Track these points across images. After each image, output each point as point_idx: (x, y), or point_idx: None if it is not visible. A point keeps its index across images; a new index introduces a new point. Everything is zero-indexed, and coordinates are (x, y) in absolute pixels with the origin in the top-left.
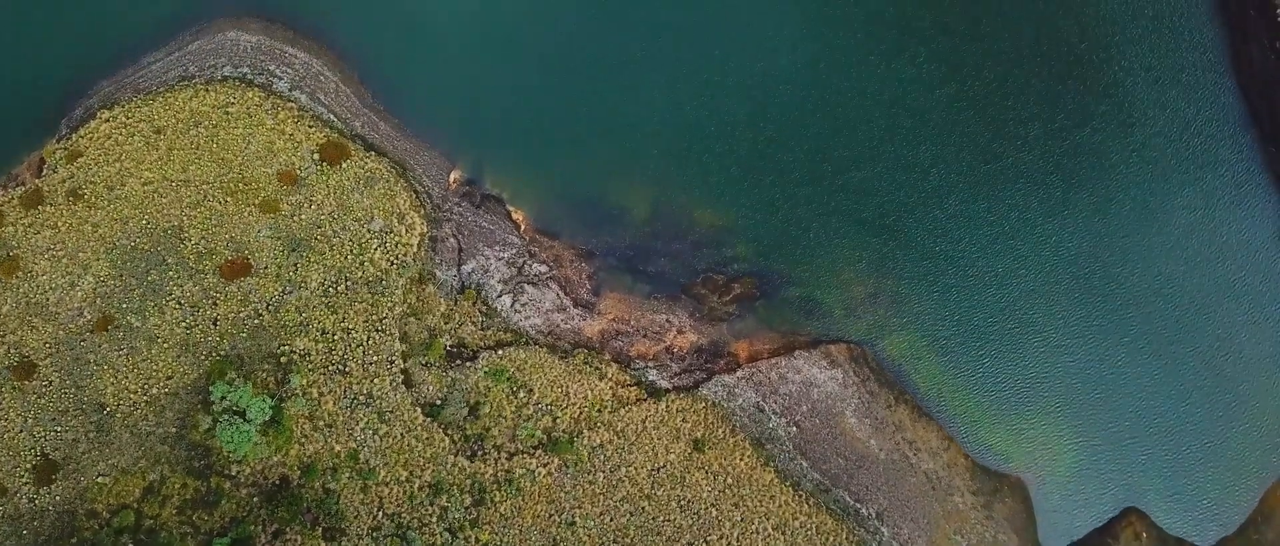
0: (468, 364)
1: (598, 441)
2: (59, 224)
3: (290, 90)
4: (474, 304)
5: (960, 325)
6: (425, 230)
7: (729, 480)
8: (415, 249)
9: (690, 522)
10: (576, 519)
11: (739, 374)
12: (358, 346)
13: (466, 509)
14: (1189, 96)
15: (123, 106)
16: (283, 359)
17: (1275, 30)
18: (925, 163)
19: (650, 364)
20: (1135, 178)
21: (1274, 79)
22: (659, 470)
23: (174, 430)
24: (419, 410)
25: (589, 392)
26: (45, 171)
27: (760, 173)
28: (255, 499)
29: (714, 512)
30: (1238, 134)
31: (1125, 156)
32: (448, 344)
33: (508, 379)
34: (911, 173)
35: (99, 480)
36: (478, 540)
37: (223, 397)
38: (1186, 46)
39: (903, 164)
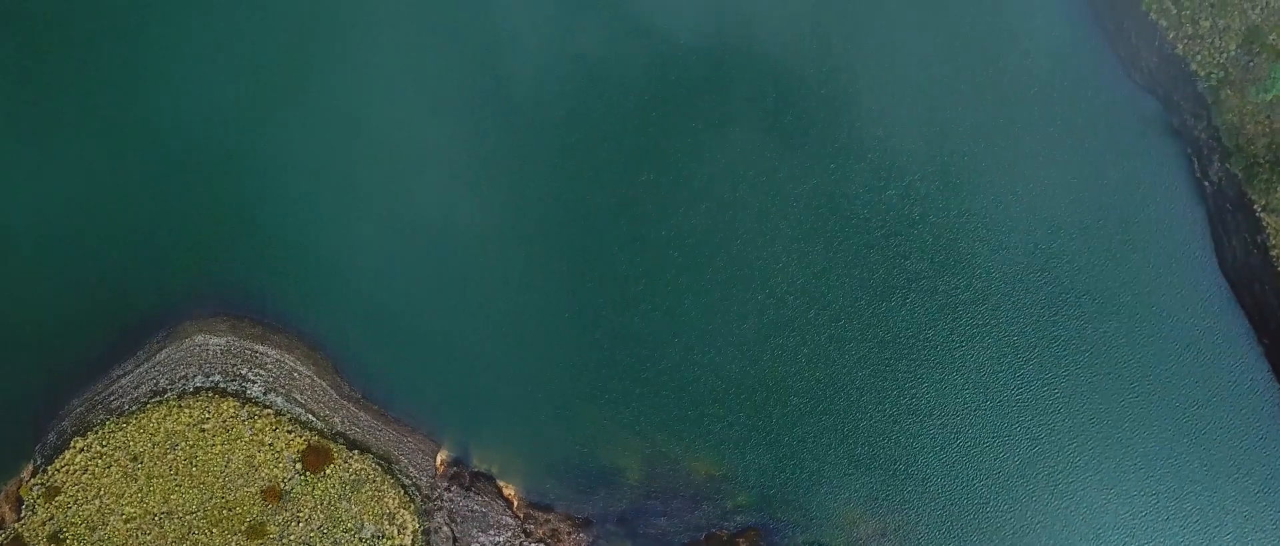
0: None
1: None
2: None
3: (265, 394)
4: None
5: None
6: (417, 526)
7: None
8: None
9: None
10: None
11: None
12: None
13: None
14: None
15: (96, 433)
16: None
17: (1255, 226)
18: (927, 405)
19: None
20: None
21: (1258, 275)
22: None
23: None
24: None
25: None
26: (24, 511)
27: (757, 423)
28: None
29: None
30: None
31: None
32: None
33: None
34: (915, 415)
35: None
36: None
37: None
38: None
39: (904, 406)
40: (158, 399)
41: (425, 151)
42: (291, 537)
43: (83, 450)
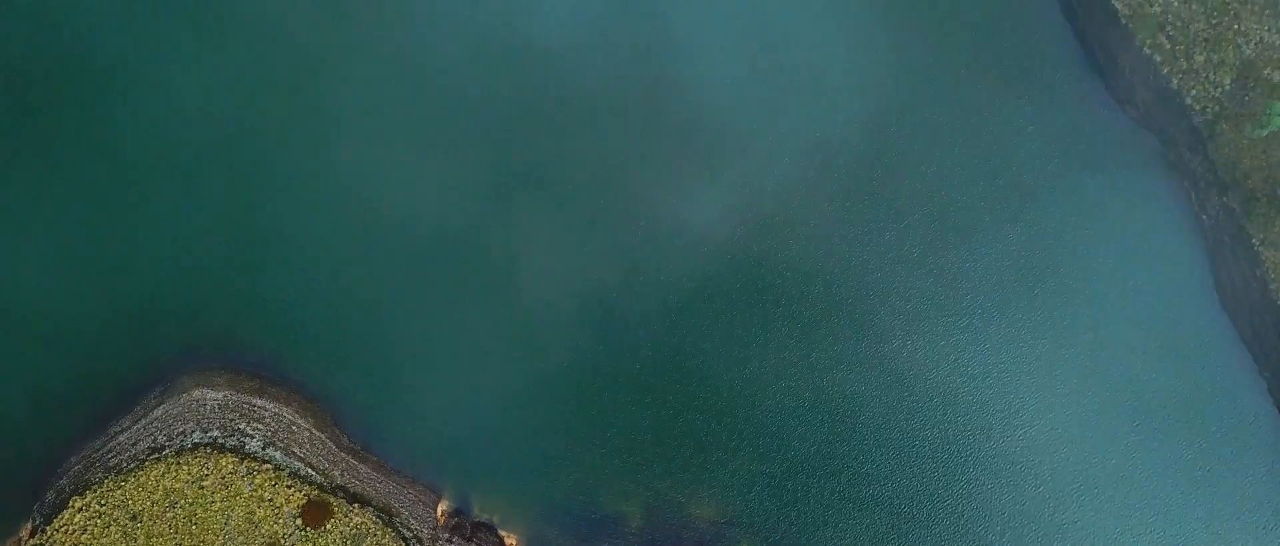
0: None
1: None
2: None
3: (264, 449)
4: None
5: None
6: None
7: None
8: None
9: None
10: None
11: None
12: None
13: None
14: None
15: (94, 492)
16: None
17: (1254, 259)
18: (930, 448)
19: None
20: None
21: (1258, 309)
22: None
23: None
24: None
25: None
26: None
27: (760, 468)
28: None
29: None
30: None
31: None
32: None
33: None
34: (918, 458)
35: None
36: None
37: None
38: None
39: (908, 450)
40: (156, 456)
41: (425, 205)
42: None
43: (81, 509)
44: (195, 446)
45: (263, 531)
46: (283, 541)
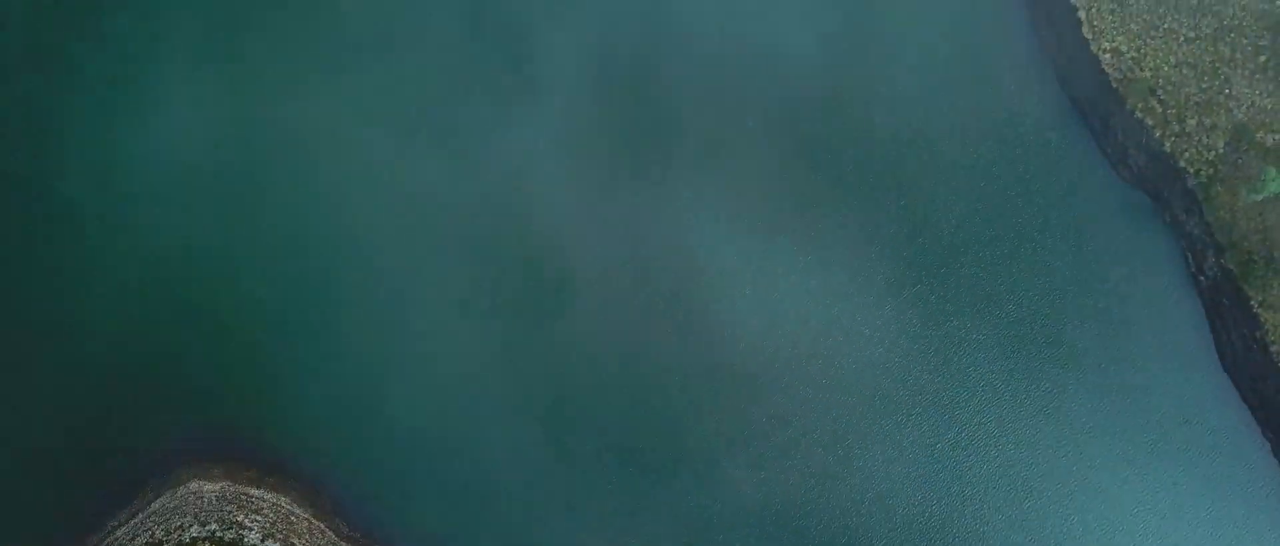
0: None
1: None
2: None
3: (263, 541)
4: None
5: None
6: None
7: None
8: None
9: None
10: None
11: None
12: None
13: None
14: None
15: None
16: None
17: (1253, 322)
18: (937, 522)
19: None
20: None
21: (1260, 372)
22: None
23: None
24: None
25: None
26: None
27: None
28: None
29: None
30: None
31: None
32: None
33: None
34: (924, 534)
35: None
36: None
37: None
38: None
39: (915, 526)
40: None
41: (427, 290)
42: None
43: None
44: (193, 541)
45: None
46: None
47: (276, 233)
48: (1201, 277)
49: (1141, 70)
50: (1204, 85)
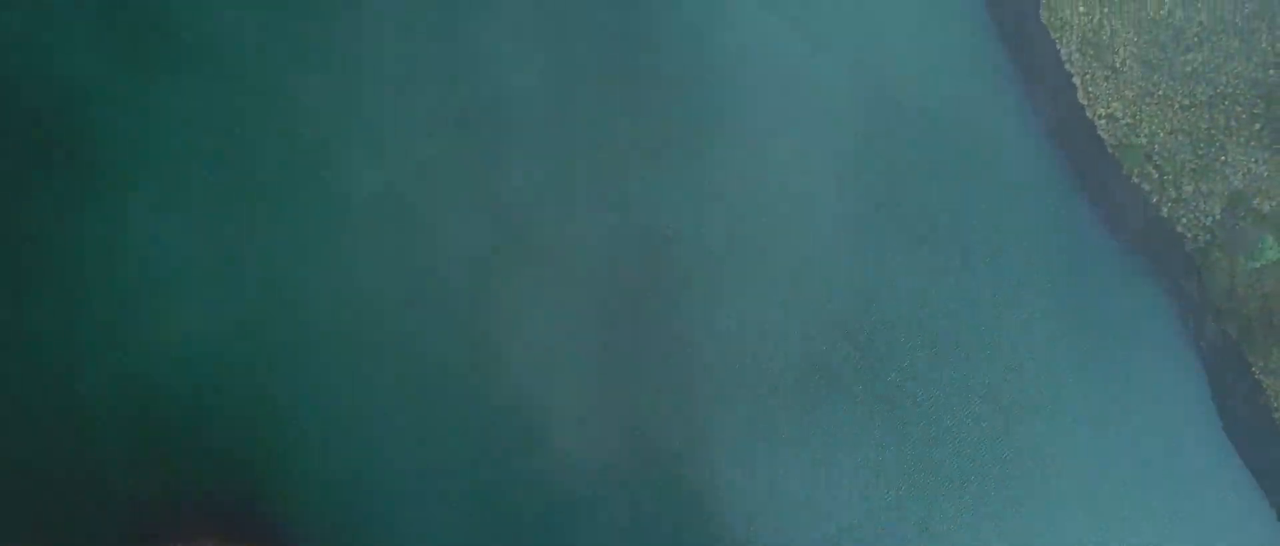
0: None
1: None
2: None
3: None
4: None
5: None
6: None
7: None
8: None
9: None
10: None
11: None
12: None
13: None
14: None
15: None
16: None
17: (1256, 388)
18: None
19: None
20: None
21: (1263, 437)
22: None
23: None
24: None
25: None
26: None
27: None
28: None
29: None
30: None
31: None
32: None
33: None
34: None
35: None
36: None
37: None
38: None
39: None
40: None
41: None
42: None
43: None
44: None
45: None
46: None
47: (284, 307)
48: (1202, 343)
49: (1137, 136)
50: (1199, 152)
